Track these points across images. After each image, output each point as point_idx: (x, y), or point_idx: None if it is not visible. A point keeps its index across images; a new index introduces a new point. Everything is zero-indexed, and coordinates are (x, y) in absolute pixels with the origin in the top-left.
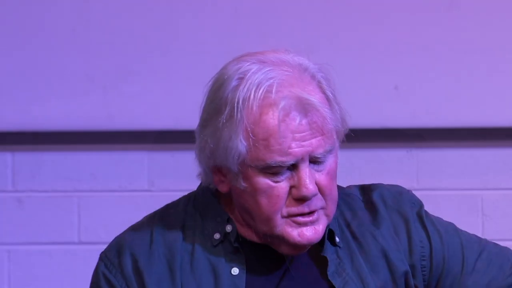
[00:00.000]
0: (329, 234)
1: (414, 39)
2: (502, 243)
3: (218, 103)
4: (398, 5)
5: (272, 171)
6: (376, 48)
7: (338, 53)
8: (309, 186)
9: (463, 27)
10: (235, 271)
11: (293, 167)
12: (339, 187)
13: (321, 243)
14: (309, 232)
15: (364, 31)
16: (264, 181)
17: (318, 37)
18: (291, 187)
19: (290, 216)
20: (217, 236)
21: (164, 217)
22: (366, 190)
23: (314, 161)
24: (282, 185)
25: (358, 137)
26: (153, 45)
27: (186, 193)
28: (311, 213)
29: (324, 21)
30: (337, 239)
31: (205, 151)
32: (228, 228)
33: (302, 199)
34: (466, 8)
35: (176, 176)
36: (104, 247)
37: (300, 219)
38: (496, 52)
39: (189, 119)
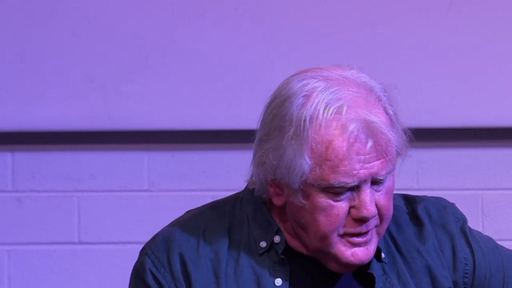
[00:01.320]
0: (376, 252)
1: (414, 39)
2: (502, 243)
3: (282, 119)
4: (399, 5)
5: (334, 191)
6: (376, 48)
7: (338, 53)
8: (370, 208)
9: (463, 27)
10: (278, 282)
11: (355, 188)
12: None
13: None
14: (362, 253)
15: (364, 31)
16: (324, 199)
17: (318, 37)
18: (350, 207)
19: (346, 235)
20: (263, 244)
21: (210, 219)
22: (410, 201)
23: (375, 181)
24: (342, 205)
25: None
26: (153, 45)
27: (186, 193)
28: (366, 232)
29: (324, 21)
30: (382, 255)
31: (265, 166)
32: (277, 239)
33: (361, 220)
34: (466, 8)
35: (176, 176)
36: (104, 247)
37: (355, 239)
38: (496, 52)
39: (189, 119)
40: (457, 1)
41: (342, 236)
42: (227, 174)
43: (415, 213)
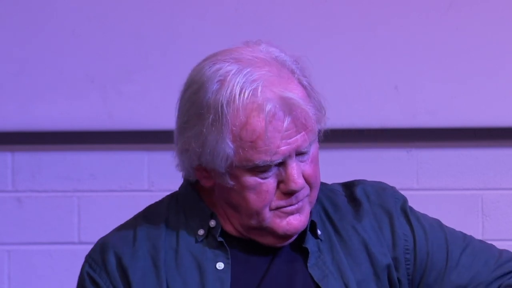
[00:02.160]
0: (311, 225)
1: (414, 39)
2: (502, 243)
3: (199, 106)
4: (398, 5)
5: (260, 169)
6: (376, 48)
7: (338, 53)
8: (297, 181)
9: (463, 27)
10: (220, 265)
11: (280, 164)
12: (322, 184)
13: (302, 234)
14: (296, 220)
15: (364, 31)
16: (252, 178)
17: (318, 37)
18: (279, 182)
19: (278, 208)
20: (201, 232)
21: (147, 215)
22: (349, 186)
23: (299, 153)
24: (270, 181)
25: (358, 137)
26: (153, 45)
27: None
28: (297, 202)
29: (324, 21)
30: (318, 231)
31: (189, 153)
32: (212, 223)
33: (291, 193)
34: (466, 8)
35: (176, 176)
36: None
37: (288, 209)
38: (496, 52)
39: None
40: (457, 1)
41: (274, 210)
42: None
43: (353, 195)
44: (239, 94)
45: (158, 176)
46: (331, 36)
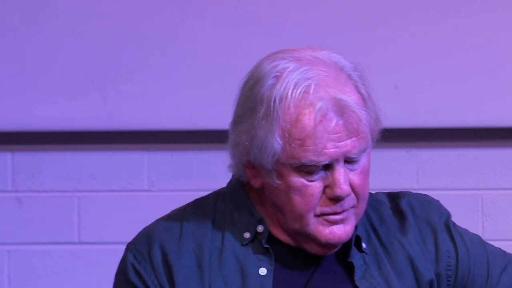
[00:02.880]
0: (356, 240)
1: (414, 39)
2: (502, 243)
3: (253, 100)
4: (398, 5)
5: (307, 170)
6: (376, 48)
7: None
8: (343, 187)
9: (463, 27)
10: (263, 271)
11: (328, 167)
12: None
13: (347, 248)
14: (340, 230)
15: (364, 31)
16: (298, 179)
17: (318, 37)
18: (325, 187)
19: (322, 215)
20: (247, 235)
21: (194, 212)
22: (394, 197)
23: (348, 160)
24: (316, 184)
25: None
26: (153, 45)
27: (186, 193)
28: (343, 211)
29: (324, 21)
30: (363, 245)
31: (239, 147)
32: (260, 228)
33: (336, 199)
34: (466, 8)
35: (176, 176)
36: (104, 247)
37: (332, 217)
38: (496, 52)
39: (189, 119)
40: (457, 1)
41: (318, 216)
42: (227, 174)
43: (398, 208)
44: (292, 91)
45: (158, 176)
46: (331, 36)
